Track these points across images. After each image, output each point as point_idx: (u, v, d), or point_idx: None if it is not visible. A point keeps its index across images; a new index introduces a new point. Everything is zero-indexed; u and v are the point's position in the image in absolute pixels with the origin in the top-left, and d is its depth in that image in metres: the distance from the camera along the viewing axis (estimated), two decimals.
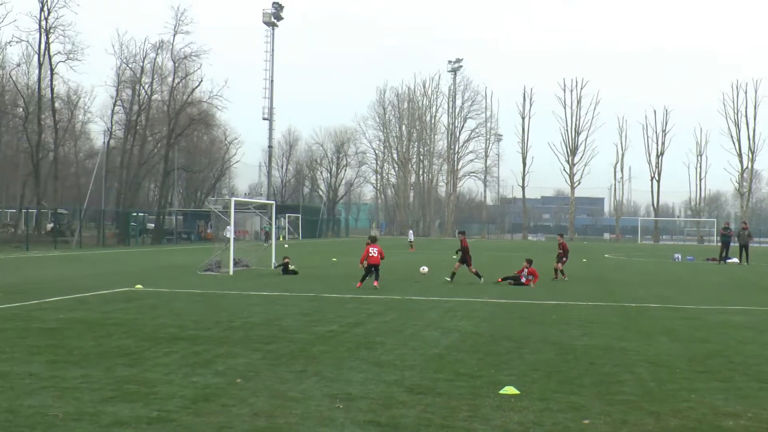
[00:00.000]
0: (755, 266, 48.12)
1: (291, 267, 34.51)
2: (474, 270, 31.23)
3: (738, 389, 11.40)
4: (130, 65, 79.18)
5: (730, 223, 64.87)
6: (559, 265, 33.14)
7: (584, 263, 48.80)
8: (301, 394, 10.53)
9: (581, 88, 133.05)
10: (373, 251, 28.34)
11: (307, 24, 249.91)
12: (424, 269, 31.70)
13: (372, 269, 28.19)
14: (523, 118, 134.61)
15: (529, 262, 30.83)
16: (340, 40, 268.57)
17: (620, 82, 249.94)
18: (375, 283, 27.54)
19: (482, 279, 30.77)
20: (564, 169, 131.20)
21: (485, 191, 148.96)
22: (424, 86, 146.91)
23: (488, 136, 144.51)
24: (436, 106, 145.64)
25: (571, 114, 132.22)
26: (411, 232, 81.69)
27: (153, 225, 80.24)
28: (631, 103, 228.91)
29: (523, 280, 30.02)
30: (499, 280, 30.88)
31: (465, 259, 31.19)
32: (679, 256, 56.89)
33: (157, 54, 79.97)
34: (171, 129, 79.10)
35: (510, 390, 10.87)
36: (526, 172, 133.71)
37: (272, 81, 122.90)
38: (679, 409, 10.13)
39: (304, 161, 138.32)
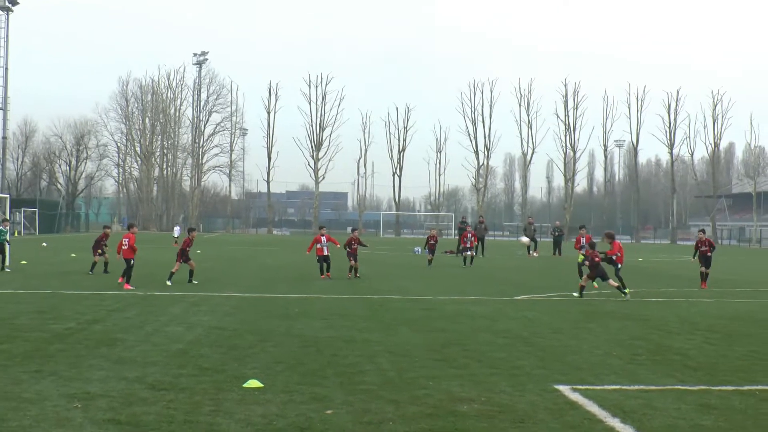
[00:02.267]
0: (490, 258, 50.36)
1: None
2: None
3: (472, 375, 11.90)
4: None
5: (467, 217, 67.25)
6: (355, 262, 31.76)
7: None
8: (36, 395, 10.12)
9: (326, 84, 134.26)
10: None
11: (45, 10, 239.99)
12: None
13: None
14: (269, 113, 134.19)
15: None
16: (80, 28, 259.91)
17: (365, 80, 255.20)
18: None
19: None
20: (309, 164, 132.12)
21: (230, 186, 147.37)
22: (168, 78, 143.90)
23: (233, 131, 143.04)
24: (181, 99, 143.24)
25: (316, 109, 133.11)
26: (177, 228, 78.87)
27: None
28: (375, 100, 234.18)
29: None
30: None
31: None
32: (419, 249, 58.65)
33: None
34: None
35: (253, 383, 10.87)
36: (271, 166, 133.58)
37: (7, 69, 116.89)
38: (417, 396, 10.46)
39: (41, 153, 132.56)
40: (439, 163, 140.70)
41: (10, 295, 22.83)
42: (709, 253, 29.78)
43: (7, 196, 40.98)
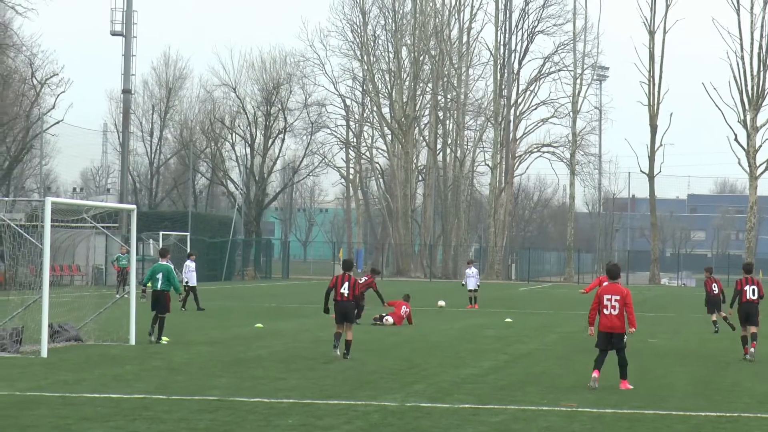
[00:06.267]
0: None
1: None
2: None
3: None
4: None
5: None
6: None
7: None
8: None
9: None
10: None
11: None
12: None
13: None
14: (652, 34, 72.57)
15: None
16: None
17: None
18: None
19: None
20: (736, 139, 68.76)
21: (572, 184, 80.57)
22: None
23: (580, 72, 79.85)
24: (473, 7, 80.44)
25: (753, 20, 67.99)
26: (470, 273, 37.52)
27: None
28: None
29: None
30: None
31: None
32: None
33: None
34: None
35: None
36: (657, 144, 72.76)
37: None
38: None
39: (196, 120, 74.51)
40: None
41: (138, 405, 11.31)
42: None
43: (133, 206, 25.69)
